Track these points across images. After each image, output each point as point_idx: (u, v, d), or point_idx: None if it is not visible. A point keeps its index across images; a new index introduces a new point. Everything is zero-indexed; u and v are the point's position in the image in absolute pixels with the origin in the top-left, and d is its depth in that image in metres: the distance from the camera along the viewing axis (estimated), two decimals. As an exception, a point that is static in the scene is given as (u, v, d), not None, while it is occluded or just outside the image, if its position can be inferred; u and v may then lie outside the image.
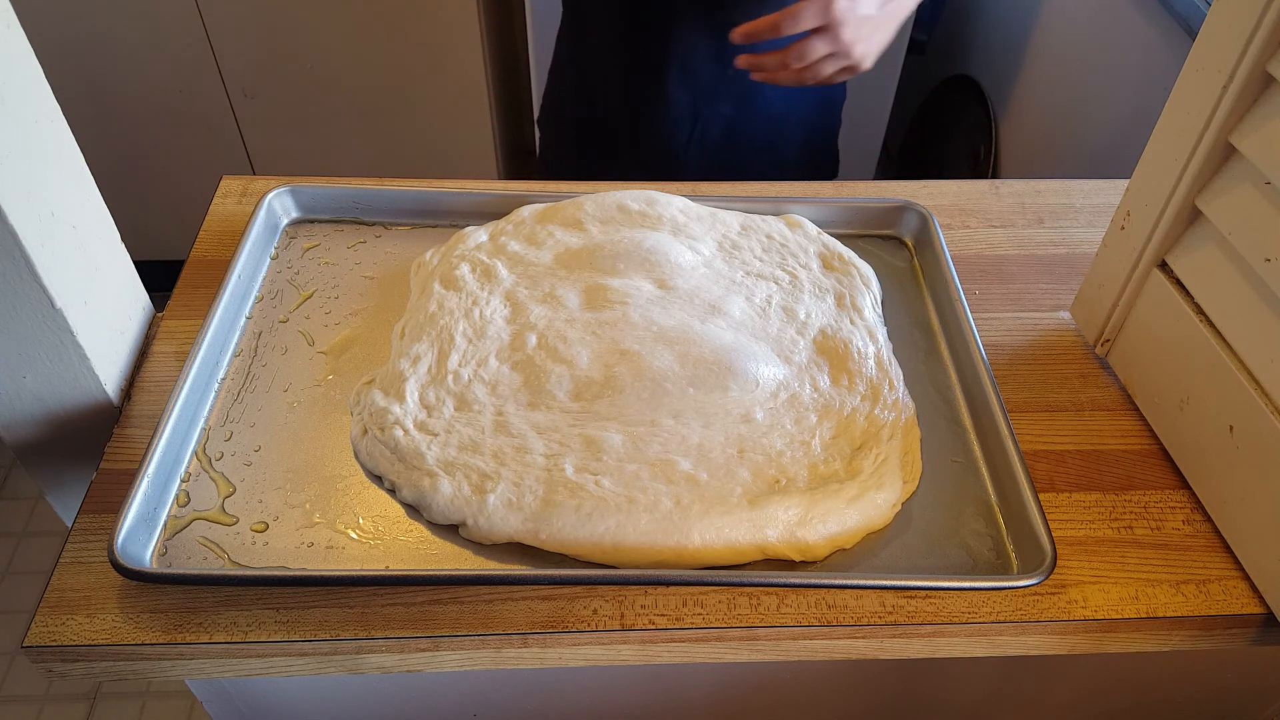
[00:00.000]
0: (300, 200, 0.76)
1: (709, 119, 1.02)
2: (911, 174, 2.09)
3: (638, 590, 0.53)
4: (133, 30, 1.58)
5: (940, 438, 0.62)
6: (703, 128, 1.02)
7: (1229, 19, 0.53)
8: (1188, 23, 1.18)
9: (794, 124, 1.05)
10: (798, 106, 1.04)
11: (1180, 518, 0.59)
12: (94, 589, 0.52)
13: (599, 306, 0.66)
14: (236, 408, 0.61)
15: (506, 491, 0.55)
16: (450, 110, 1.73)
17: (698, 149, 1.04)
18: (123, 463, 0.58)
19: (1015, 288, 0.74)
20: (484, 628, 0.51)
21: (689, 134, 1.03)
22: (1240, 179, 0.54)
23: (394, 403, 0.59)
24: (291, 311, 0.68)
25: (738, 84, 1.00)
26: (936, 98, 1.96)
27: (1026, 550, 0.54)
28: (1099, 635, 0.55)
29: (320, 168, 1.81)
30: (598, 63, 1.04)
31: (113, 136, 1.72)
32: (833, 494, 0.56)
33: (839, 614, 0.53)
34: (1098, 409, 0.65)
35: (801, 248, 0.73)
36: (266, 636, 0.50)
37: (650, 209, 0.74)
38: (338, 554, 0.54)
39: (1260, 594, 0.54)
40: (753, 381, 0.62)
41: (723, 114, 1.02)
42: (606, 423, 0.59)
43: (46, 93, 0.57)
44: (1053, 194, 0.83)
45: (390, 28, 1.61)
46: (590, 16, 1.03)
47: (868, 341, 0.66)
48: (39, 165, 0.55)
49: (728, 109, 1.01)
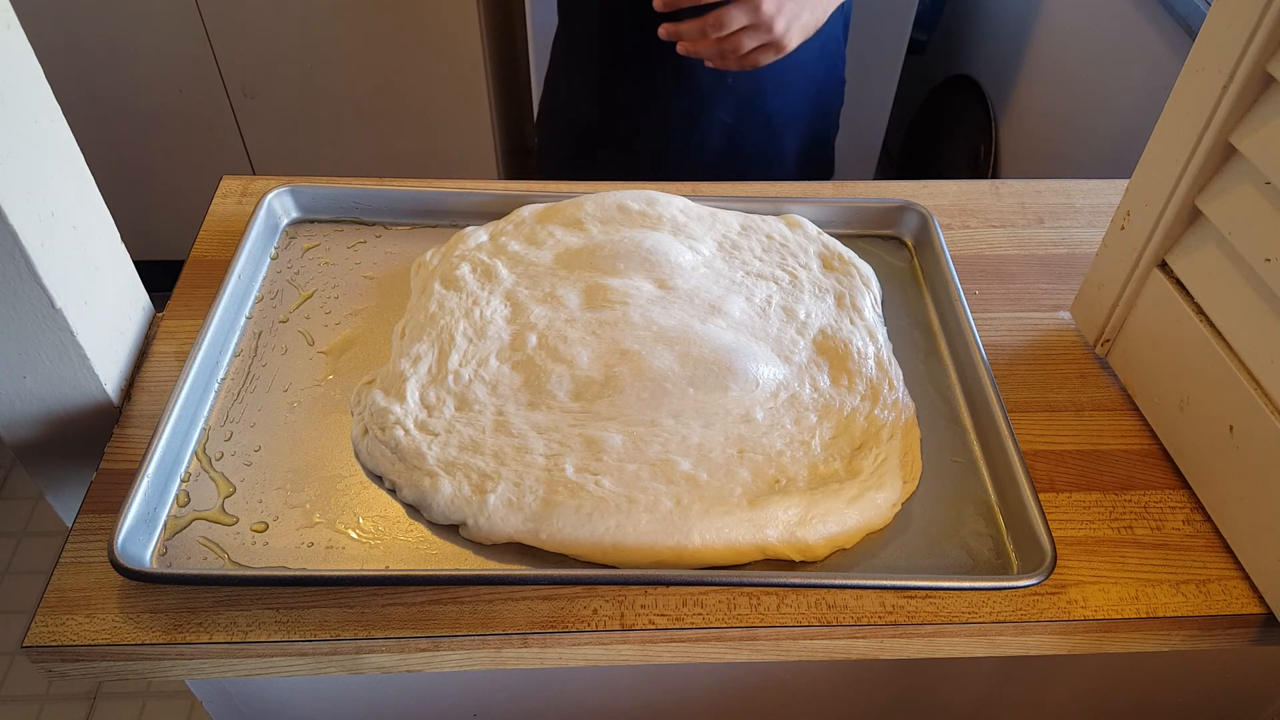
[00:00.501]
0: (300, 200, 0.76)
1: (706, 125, 1.01)
2: (911, 174, 2.09)
3: (638, 590, 0.53)
4: (133, 30, 1.58)
5: (940, 438, 0.62)
6: (700, 134, 1.02)
7: (1229, 19, 0.53)
8: (1188, 23, 1.18)
9: (791, 131, 1.05)
10: (796, 112, 1.04)
11: (1180, 518, 0.59)
12: (94, 589, 0.52)
13: (599, 306, 0.66)
14: (236, 408, 0.61)
15: (507, 491, 0.55)
16: (450, 110, 1.73)
17: (696, 155, 1.03)
18: (123, 463, 0.58)
19: (1015, 288, 0.74)
20: (484, 628, 0.51)
21: (686, 141, 1.02)
22: (1240, 179, 0.55)
23: (395, 402, 0.59)
24: (291, 311, 0.68)
25: (736, 90, 0.99)
26: (936, 98, 1.96)
27: (1026, 550, 0.54)
28: (1099, 635, 0.55)
29: (320, 168, 1.81)
30: (592, 69, 1.03)
31: (113, 136, 1.72)
32: (833, 494, 0.56)
33: (839, 614, 0.53)
34: (1098, 409, 0.65)
35: (801, 248, 0.73)
36: (266, 636, 0.50)
37: (650, 209, 0.74)
38: (338, 554, 0.54)
39: (1260, 594, 0.54)
40: (753, 381, 0.62)
41: (721, 120, 1.01)
42: (607, 423, 0.59)
43: (46, 93, 0.57)
44: (1053, 194, 0.83)
45: (390, 28, 1.61)
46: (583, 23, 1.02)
47: (867, 341, 0.66)
48: (39, 165, 0.55)
49: (726, 115, 1.01)
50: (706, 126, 1.01)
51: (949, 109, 1.91)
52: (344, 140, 1.77)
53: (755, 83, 0.99)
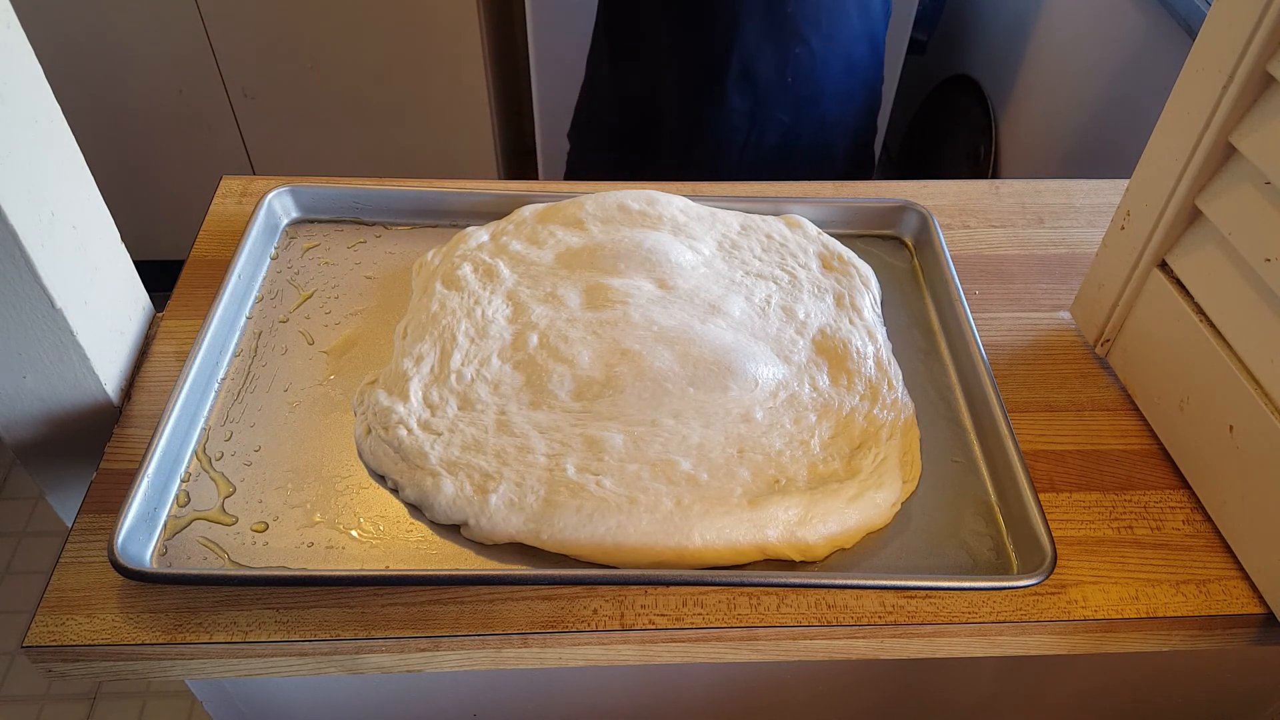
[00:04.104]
0: (300, 200, 0.76)
1: (765, 125, 1.01)
2: (911, 174, 2.09)
3: (638, 590, 0.53)
4: (133, 30, 1.58)
5: (940, 438, 0.62)
6: (758, 134, 1.02)
7: (1229, 19, 0.53)
8: (1188, 23, 1.18)
9: (841, 130, 1.05)
10: (847, 113, 1.04)
11: (1180, 518, 0.59)
12: (94, 589, 0.52)
13: (600, 306, 0.66)
14: (236, 408, 0.61)
15: (508, 492, 0.55)
16: (450, 110, 1.73)
17: (752, 156, 1.03)
18: (123, 463, 0.58)
19: (1015, 288, 0.74)
20: (484, 628, 0.51)
21: (744, 140, 1.02)
22: (1240, 179, 0.55)
23: (398, 402, 0.59)
24: (291, 311, 0.68)
25: (795, 89, 0.99)
26: (936, 98, 1.96)
27: (1026, 550, 0.54)
28: (1099, 635, 0.55)
29: (320, 168, 1.81)
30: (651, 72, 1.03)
31: (113, 136, 1.72)
32: (832, 494, 0.56)
33: (839, 614, 0.53)
34: (1098, 409, 0.65)
35: (801, 248, 0.73)
36: (266, 636, 0.50)
37: (650, 208, 0.74)
38: (338, 554, 0.54)
39: (1260, 594, 0.54)
40: (752, 381, 0.62)
41: (779, 120, 1.01)
42: (608, 422, 0.59)
43: (46, 93, 0.57)
44: (1053, 194, 0.83)
45: (390, 28, 1.61)
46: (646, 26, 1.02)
47: (867, 341, 0.66)
48: (39, 165, 0.55)
49: (784, 115, 1.01)
50: (764, 126, 1.01)
51: (949, 109, 1.91)
52: (344, 140, 1.77)
53: (814, 84, 1.00)
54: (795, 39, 0.95)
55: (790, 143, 1.03)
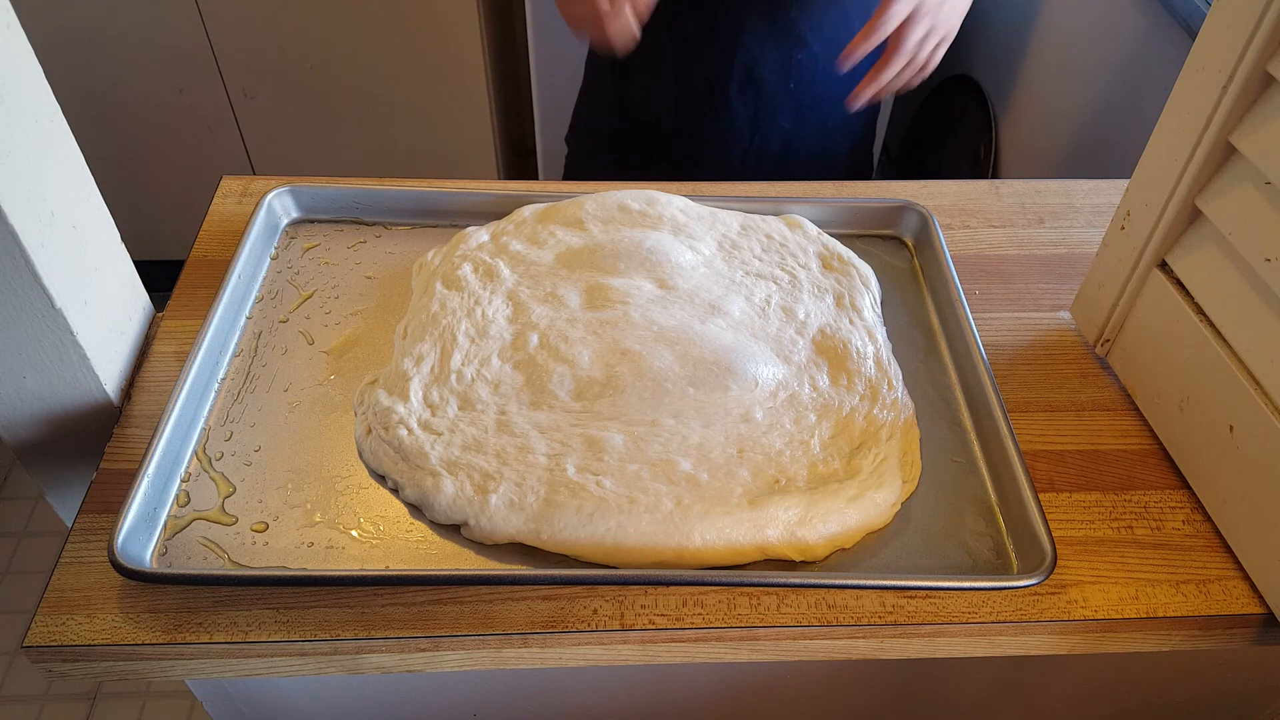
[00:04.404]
0: (300, 200, 0.76)
1: (767, 132, 1.01)
2: (911, 174, 2.09)
3: (638, 590, 0.53)
4: (132, 30, 1.58)
5: (940, 438, 0.62)
6: (760, 141, 1.02)
7: (1229, 19, 0.53)
8: (1188, 23, 1.18)
9: (843, 134, 1.05)
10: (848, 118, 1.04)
11: (1180, 518, 0.59)
12: (94, 589, 0.52)
13: (600, 306, 0.66)
14: (236, 408, 0.61)
15: (509, 492, 0.55)
16: (450, 110, 1.73)
17: (754, 162, 1.03)
18: (123, 463, 0.58)
19: (1015, 288, 0.74)
20: (484, 628, 0.51)
21: (746, 148, 1.02)
22: (1240, 179, 0.54)
23: (398, 402, 0.59)
24: (291, 311, 0.68)
25: (798, 95, 0.99)
26: (936, 98, 1.96)
27: (1026, 550, 0.54)
28: (1099, 635, 0.55)
29: (320, 168, 1.81)
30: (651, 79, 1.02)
31: (113, 136, 1.72)
32: (832, 494, 0.56)
33: (839, 614, 0.53)
34: (1098, 409, 0.65)
35: (801, 248, 0.73)
36: (266, 636, 0.50)
37: (650, 209, 0.74)
38: (338, 554, 0.54)
39: (1260, 594, 0.54)
40: (752, 381, 0.62)
41: (780, 127, 1.01)
42: (608, 422, 0.59)
43: (46, 92, 0.57)
44: (1053, 194, 0.83)
45: (390, 28, 1.61)
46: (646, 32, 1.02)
47: (866, 341, 0.66)
48: (39, 165, 0.55)
49: (786, 121, 1.01)
50: (767, 133, 1.01)
51: (949, 109, 1.91)
52: (344, 140, 1.77)
53: (815, 90, 1.00)
54: (798, 44, 0.95)
55: (791, 149, 1.03)
